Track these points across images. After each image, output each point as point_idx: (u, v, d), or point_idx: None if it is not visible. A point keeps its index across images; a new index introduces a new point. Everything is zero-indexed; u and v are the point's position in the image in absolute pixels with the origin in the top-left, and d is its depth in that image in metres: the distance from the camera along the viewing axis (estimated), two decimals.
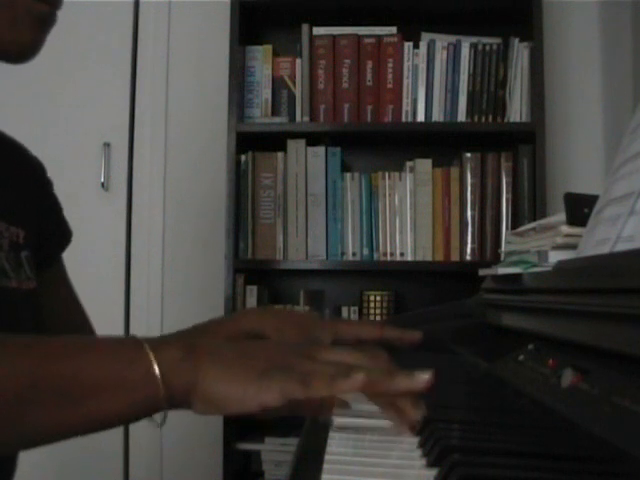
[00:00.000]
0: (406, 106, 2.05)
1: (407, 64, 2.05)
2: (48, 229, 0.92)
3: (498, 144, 2.05)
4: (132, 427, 2.21)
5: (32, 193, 0.90)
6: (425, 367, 0.56)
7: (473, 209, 2.02)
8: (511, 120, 2.01)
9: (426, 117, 2.04)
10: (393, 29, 2.08)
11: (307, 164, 2.06)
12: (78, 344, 0.58)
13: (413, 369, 0.57)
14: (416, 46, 2.06)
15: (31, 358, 0.54)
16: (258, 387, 0.55)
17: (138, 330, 2.20)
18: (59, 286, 0.95)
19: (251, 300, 2.01)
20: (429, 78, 2.04)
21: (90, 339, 0.59)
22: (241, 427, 2.00)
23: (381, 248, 2.04)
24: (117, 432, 2.20)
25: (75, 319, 0.97)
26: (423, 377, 0.56)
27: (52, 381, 0.53)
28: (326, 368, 0.57)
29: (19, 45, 0.73)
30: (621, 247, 0.66)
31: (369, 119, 2.05)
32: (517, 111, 2.00)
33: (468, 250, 2.01)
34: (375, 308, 2.07)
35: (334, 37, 2.07)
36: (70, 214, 0.99)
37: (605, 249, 0.69)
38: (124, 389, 0.55)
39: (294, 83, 2.09)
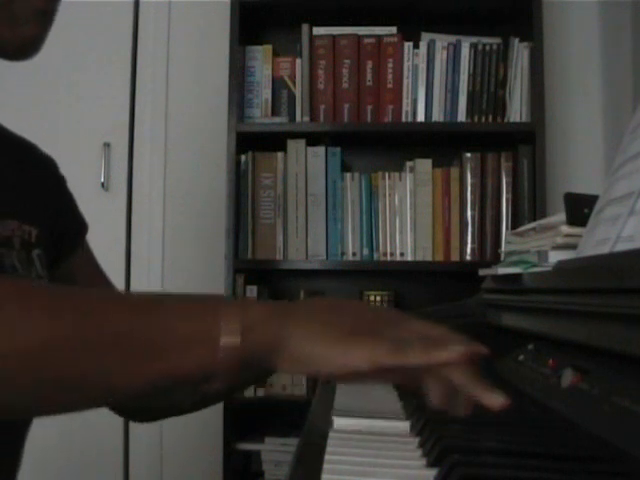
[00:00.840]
0: (406, 106, 2.05)
1: (407, 64, 2.05)
2: (64, 224, 0.92)
3: (498, 144, 2.05)
4: (132, 427, 2.21)
5: (46, 191, 0.89)
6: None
7: (473, 209, 2.02)
8: (511, 120, 2.01)
9: (426, 117, 2.04)
10: (393, 29, 2.08)
11: (307, 164, 2.05)
12: (158, 299, 0.57)
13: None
14: (416, 46, 2.06)
15: (114, 312, 0.53)
16: (345, 348, 0.53)
17: None
18: (86, 270, 0.96)
19: None
20: (429, 78, 2.04)
21: (172, 295, 0.59)
22: (241, 427, 2.00)
23: (381, 248, 2.04)
24: (117, 432, 2.20)
25: None
26: (499, 400, 0.54)
27: (134, 334, 0.52)
28: (420, 337, 0.55)
29: (20, 41, 0.71)
30: (621, 247, 0.66)
31: (369, 119, 2.05)
32: (517, 111, 2.00)
33: (468, 250, 2.01)
34: None
35: (334, 37, 2.07)
36: None
37: (605, 249, 0.69)
38: (204, 343, 0.53)
39: (294, 83, 2.09)
